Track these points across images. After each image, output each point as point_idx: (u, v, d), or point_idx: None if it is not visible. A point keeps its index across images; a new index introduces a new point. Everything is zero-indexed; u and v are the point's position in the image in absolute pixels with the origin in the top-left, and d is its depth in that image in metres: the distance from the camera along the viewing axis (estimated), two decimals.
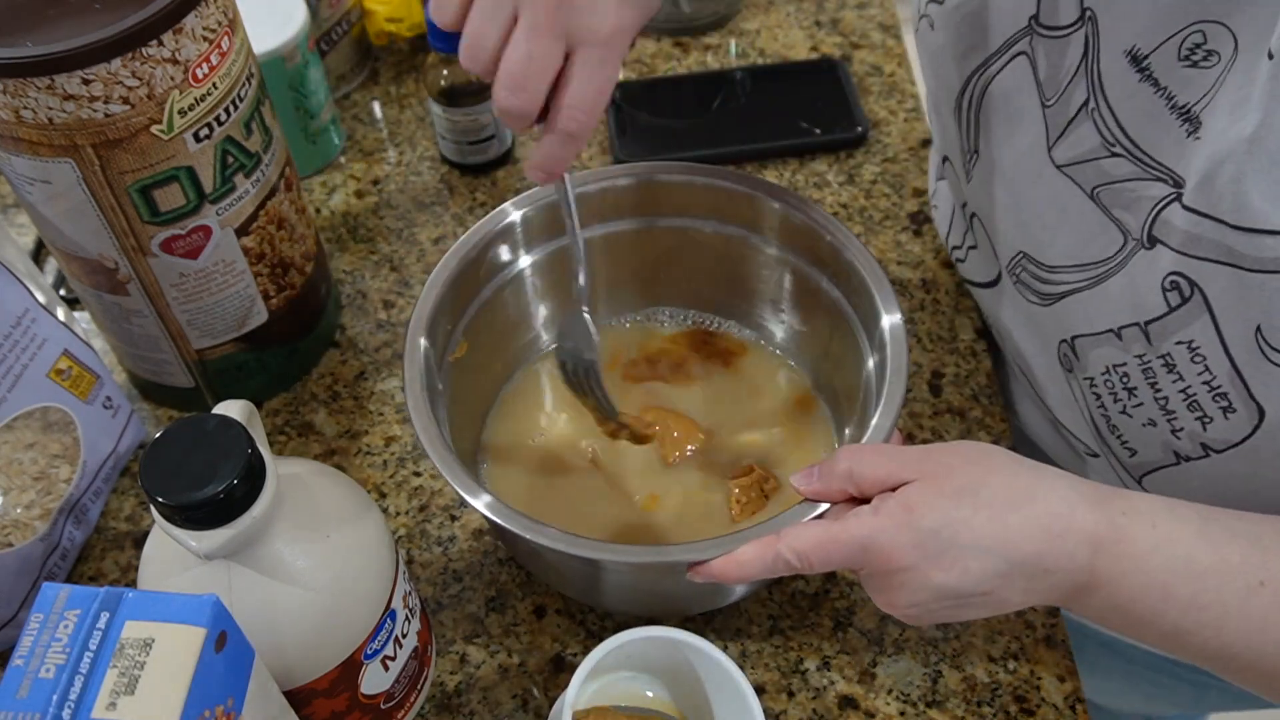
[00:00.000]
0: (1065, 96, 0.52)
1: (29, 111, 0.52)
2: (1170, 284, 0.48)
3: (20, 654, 0.37)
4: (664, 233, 0.66)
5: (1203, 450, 0.50)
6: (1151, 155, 0.48)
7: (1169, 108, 0.47)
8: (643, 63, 0.93)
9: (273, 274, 0.66)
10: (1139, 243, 0.50)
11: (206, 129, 0.57)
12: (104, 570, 0.65)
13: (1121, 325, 0.51)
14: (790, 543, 0.47)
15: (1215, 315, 0.46)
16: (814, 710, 0.58)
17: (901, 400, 0.53)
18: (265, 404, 0.72)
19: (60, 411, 0.62)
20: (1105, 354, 0.53)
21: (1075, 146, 0.52)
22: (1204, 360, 0.48)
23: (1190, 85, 0.46)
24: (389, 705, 0.54)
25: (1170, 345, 0.49)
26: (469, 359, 0.63)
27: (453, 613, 0.62)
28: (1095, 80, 0.50)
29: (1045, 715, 0.57)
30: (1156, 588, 0.45)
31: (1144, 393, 0.51)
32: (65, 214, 0.58)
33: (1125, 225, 0.51)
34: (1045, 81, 0.53)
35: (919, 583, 0.46)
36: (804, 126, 0.85)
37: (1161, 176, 0.48)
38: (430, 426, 0.54)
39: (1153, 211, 0.49)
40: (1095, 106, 0.51)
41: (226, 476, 0.41)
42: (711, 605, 0.60)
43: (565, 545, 0.49)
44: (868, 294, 0.58)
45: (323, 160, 0.85)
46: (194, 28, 0.54)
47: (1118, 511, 0.46)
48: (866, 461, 0.48)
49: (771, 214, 0.63)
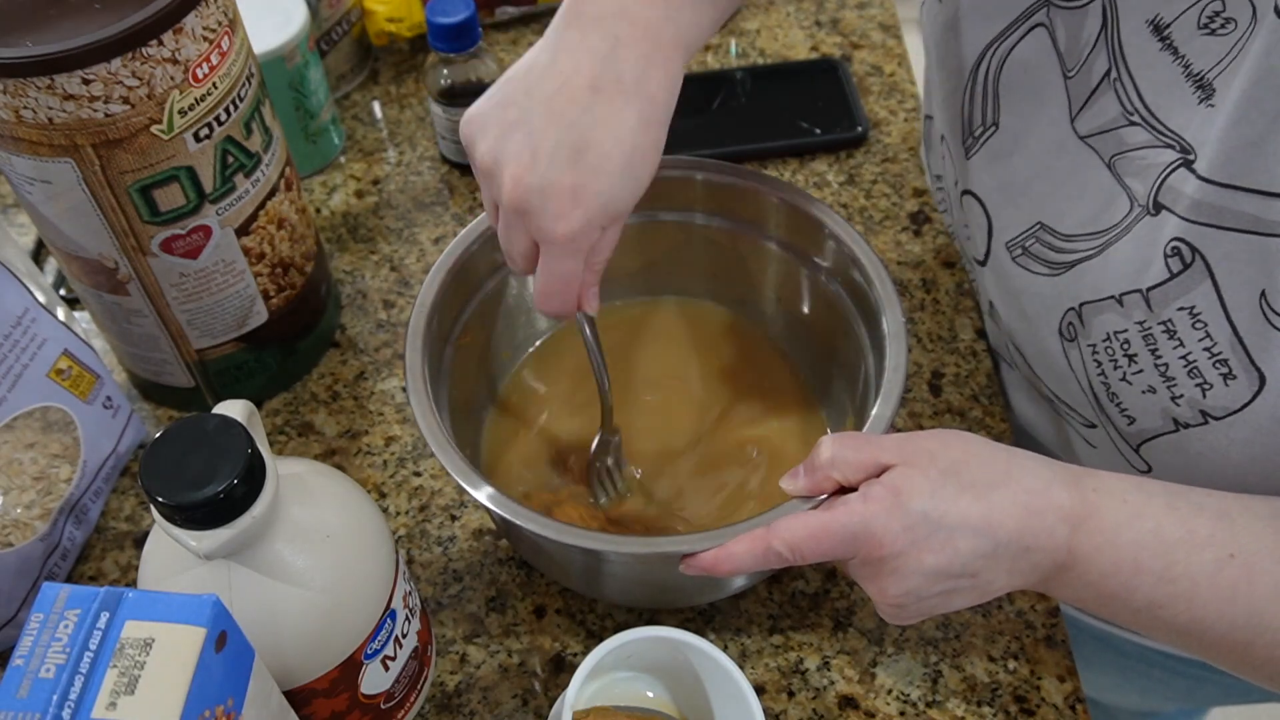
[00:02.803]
0: (1087, 67, 0.53)
1: (29, 111, 0.52)
2: (1172, 250, 0.48)
3: (20, 654, 0.37)
4: (665, 227, 0.66)
5: (1202, 417, 0.50)
6: (1165, 123, 0.49)
7: (1185, 75, 0.48)
8: None
9: (273, 274, 0.66)
10: (1144, 209, 0.50)
11: (206, 129, 0.57)
12: (104, 570, 0.65)
13: (1123, 292, 0.52)
14: (781, 534, 0.48)
15: (1217, 281, 0.47)
16: (814, 710, 0.58)
17: (902, 391, 0.54)
18: (265, 404, 0.72)
19: (60, 411, 0.62)
20: (1107, 320, 0.54)
21: (1098, 117, 0.53)
22: (1205, 326, 0.48)
23: (1207, 52, 0.47)
24: (389, 705, 0.54)
25: (1172, 311, 0.49)
26: (474, 343, 0.63)
27: (453, 613, 0.62)
28: (1116, 50, 0.51)
29: (1045, 715, 0.57)
30: (1128, 562, 0.46)
31: (1144, 359, 0.52)
32: (65, 214, 0.58)
33: (1133, 192, 0.51)
34: (1066, 53, 0.54)
35: (911, 567, 0.46)
36: (804, 126, 0.85)
37: (1170, 143, 0.49)
38: (430, 417, 0.54)
39: (1159, 178, 0.49)
40: (1117, 76, 0.51)
41: (226, 476, 0.41)
42: (713, 596, 0.60)
43: (564, 536, 0.50)
44: (868, 287, 0.58)
45: (323, 160, 0.85)
46: (194, 28, 0.54)
47: (1089, 488, 0.47)
48: (848, 448, 0.49)
49: (771, 208, 0.63)
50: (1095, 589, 0.47)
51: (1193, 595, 0.46)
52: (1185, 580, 0.46)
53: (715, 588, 0.59)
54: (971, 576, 0.47)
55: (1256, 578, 0.45)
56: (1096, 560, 0.46)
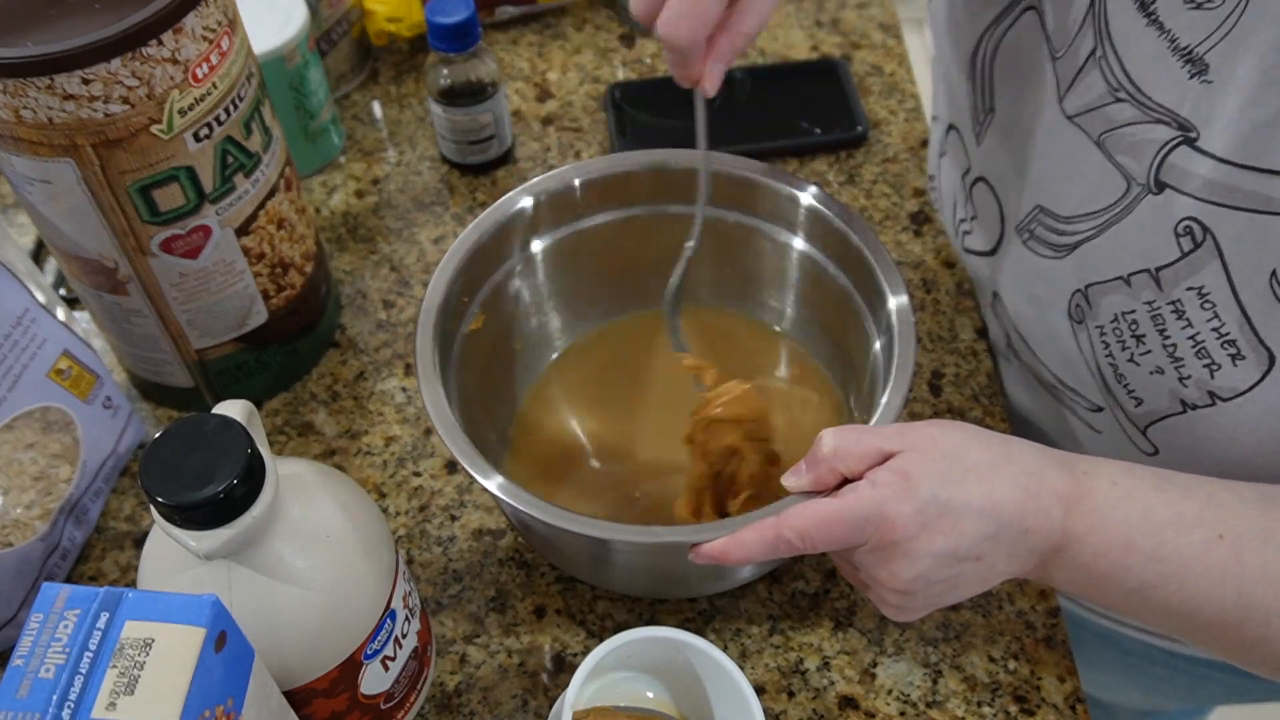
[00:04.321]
0: (1074, 47, 0.53)
1: (29, 111, 0.52)
2: (1184, 229, 0.49)
3: (20, 654, 0.37)
4: (672, 219, 0.66)
5: (1209, 398, 0.51)
6: (1152, 98, 0.49)
7: (1171, 50, 0.48)
8: (642, 63, 0.92)
9: (273, 274, 0.66)
10: (1145, 188, 0.50)
11: (206, 129, 0.57)
12: (104, 570, 0.65)
13: (1131, 272, 0.52)
14: (791, 523, 0.48)
15: (1226, 260, 0.47)
16: (814, 710, 0.58)
17: (911, 378, 0.54)
18: (265, 404, 0.72)
19: (60, 411, 0.62)
20: (1115, 301, 0.54)
21: (1084, 95, 0.53)
22: (1213, 306, 0.49)
23: (1194, 26, 0.47)
24: (389, 705, 0.54)
25: (1181, 291, 0.50)
26: (485, 332, 0.63)
27: (453, 613, 0.62)
28: (1103, 28, 0.51)
29: (1045, 715, 0.57)
30: (1119, 541, 0.46)
31: (1152, 340, 0.52)
32: (65, 214, 0.58)
33: (1128, 170, 0.51)
34: (1054, 34, 0.54)
35: (922, 549, 0.46)
36: (804, 126, 0.85)
37: (1163, 119, 0.49)
38: (440, 401, 0.54)
39: (1158, 156, 0.49)
40: (1102, 54, 0.51)
41: (226, 476, 0.41)
42: (719, 588, 0.60)
43: (574, 525, 0.50)
44: (873, 276, 0.59)
45: (323, 160, 0.85)
46: (194, 28, 0.54)
47: (1080, 471, 0.48)
48: (849, 439, 0.49)
49: (778, 198, 0.63)
50: (1088, 570, 0.47)
51: (1183, 576, 0.46)
52: (1175, 560, 0.46)
53: (719, 579, 0.59)
54: (976, 560, 0.47)
55: (1245, 558, 0.45)
56: (1089, 541, 0.47)
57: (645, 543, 0.51)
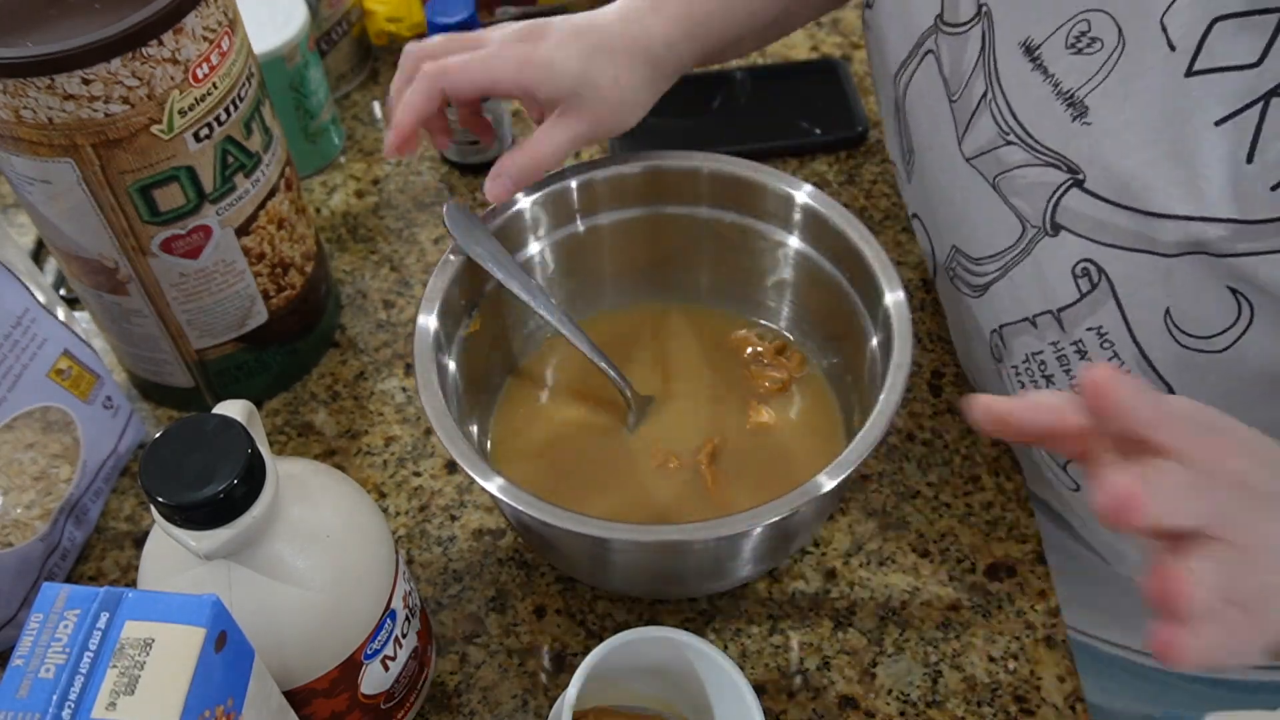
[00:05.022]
0: (967, 91, 0.54)
1: (29, 111, 0.52)
2: (1081, 270, 0.49)
3: (20, 654, 0.37)
4: (669, 219, 0.67)
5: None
6: (1040, 141, 0.50)
7: (1055, 94, 0.49)
8: None
9: (273, 274, 0.66)
10: (1040, 229, 0.51)
11: (206, 129, 0.57)
12: (104, 570, 0.65)
13: (1035, 314, 0.53)
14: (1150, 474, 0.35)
15: (1120, 300, 0.48)
16: (814, 710, 0.58)
17: (908, 375, 0.54)
18: (265, 404, 0.72)
19: (60, 411, 0.62)
20: (1025, 342, 0.55)
21: (978, 138, 0.54)
22: (1112, 345, 0.49)
23: (1075, 71, 0.48)
24: (389, 705, 0.54)
25: (1082, 332, 0.50)
26: (483, 334, 0.63)
27: (453, 613, 0.62)
28: (992, 72, 0.52)
29: (1045, 715, 0.57)
30: None
31: (1060, 380, 0.53)
32: (65, 214, 0.58)
33: (1022, 213, 0.52)
34: (950, 77, 0.55)
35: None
36: (804, 126, 0.85)
37: (1053, 162, 0.49)
38: (439, 404, 0.54)
39: (1052, 198, 0.50)
40: (992, 98, 0.52)
41: (226, 476, 0.41)
42: (719, 587, 0.60)
43: (573, 525, 0.50)
44: (869, 272, 0.59)
45: (323, 160, 0.86)
46: (194, 28, 0.54)
47: None
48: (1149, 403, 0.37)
49: (772, 197, 0.63)
50: None
51: None
52: None
53: (720, 580, 0.59)
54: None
55: None
56: None
57: (645, 542, 0.51)
